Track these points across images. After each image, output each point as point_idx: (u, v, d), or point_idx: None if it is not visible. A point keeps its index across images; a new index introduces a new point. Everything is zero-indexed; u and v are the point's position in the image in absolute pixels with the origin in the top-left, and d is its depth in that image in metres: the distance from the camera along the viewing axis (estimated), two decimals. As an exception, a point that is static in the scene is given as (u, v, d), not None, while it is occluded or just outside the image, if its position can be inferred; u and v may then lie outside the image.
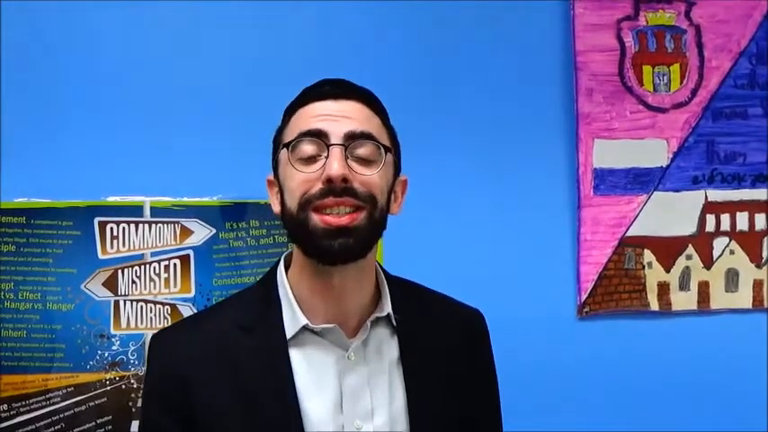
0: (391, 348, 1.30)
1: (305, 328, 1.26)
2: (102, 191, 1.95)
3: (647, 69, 2.14)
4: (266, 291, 1.32)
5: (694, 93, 2.15)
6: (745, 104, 2.17)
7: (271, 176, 1.33)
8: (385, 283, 1.33)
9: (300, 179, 1.23)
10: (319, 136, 1.23)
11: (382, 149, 1.25)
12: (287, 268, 1.32)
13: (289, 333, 1.27)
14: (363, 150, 1.24)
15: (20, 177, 1.92)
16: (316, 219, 1.21)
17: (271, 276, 1.33)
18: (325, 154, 1.22)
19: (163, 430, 1.27)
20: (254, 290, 1.37)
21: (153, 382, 1.32)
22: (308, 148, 1.23)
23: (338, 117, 1.24)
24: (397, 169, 1.32)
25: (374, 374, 1.28)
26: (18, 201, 1.92)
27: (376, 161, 1.24)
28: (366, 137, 1.24)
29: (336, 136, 1.22)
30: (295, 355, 1.26)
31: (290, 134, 1.27)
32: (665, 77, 2.15)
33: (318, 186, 1.21)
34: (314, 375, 1.26)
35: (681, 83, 2.15)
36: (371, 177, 1.23)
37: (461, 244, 2.06)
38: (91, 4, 1.96)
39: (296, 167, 1.23)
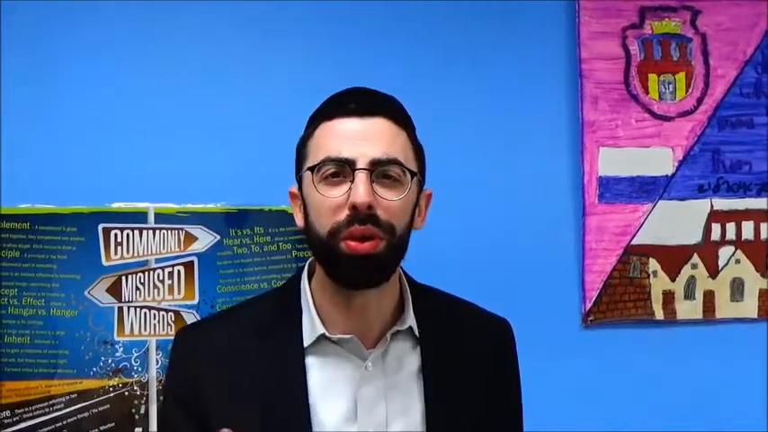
0: (412, 360, 1.30)
1: (323, 336, 1.27)
2: (106, 197, 1.95)
3: (652, 78, 2.14)
4: (287, 297, 1.32)
5: (700, 101, 2.15)
6: (751, 113, 2.17)
7: (294, 189, 1.32)
8: (409, 295, 1.33)
9: (328, 207, 1.22)
10: (346, 162, 1.22)
11: (408, 174, 1.25)
12: (310, 276, 1.32)
13: (307, 341, 1.27)
14: (389, 174, 1.23)
15: (24, 183, 1.92)
16: (342, 246, 1.21)
17: (293, 283, 1.34)
18: (351, 178, 1.22)
19: (176, 427, 1.28)
20: (274, 295, 1.38)
21: (171, 381, 1.34)
22: (333, 171, 1.23)
23: (364, 139, 1.23)
24: (421, 185, 1.31)
25: (392, 386, 1.28)
26: (22, 207, 1.92)
27: (401, 183, 1.24)
28: (392, 162, 1.23)
29: (362, 161, 1.22)
30: (312, 363, 1.27)
31: (314, 154, 1.26)
32: (671, 86, 2.14)
33: (345, 213, 1.21)
34: (329, 383, 1.26)
35: (686, 91, 2.15)
36: (395, 203, 1.23)
37: (465, 251, 2.06)
38: (93, 6, 1.96)
39: (321, 192, 1.23)
